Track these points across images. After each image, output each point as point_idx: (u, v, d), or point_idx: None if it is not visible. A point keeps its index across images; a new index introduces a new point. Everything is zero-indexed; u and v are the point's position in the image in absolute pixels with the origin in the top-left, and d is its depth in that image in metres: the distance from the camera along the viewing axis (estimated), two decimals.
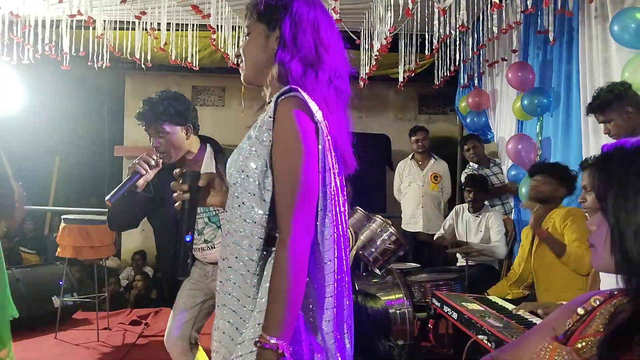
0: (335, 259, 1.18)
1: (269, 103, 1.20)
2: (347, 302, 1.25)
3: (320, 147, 1.15)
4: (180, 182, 1.29)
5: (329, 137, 1.18)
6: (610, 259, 0.88)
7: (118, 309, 5.04)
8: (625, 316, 0.87)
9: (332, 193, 1.18)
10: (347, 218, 1.30)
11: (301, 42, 1.21)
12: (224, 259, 1.23)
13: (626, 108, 2.39)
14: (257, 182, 1.16)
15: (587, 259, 2.60)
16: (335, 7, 3.17)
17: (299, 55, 1.20)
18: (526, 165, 3.75)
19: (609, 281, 1.86)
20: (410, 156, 5.01)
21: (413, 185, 4.90)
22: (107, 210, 2.28)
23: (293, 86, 1.16)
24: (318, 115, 1.15)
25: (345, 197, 1.30)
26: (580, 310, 0.99)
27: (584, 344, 0.91)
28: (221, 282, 1.23)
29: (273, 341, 1.07)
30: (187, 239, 1.27)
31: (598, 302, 0.98)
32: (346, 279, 1.24)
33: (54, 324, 4.22)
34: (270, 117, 1.15)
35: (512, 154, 3.87)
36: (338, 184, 1.23)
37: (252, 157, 1.17)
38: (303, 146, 1.13)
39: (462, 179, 4.56)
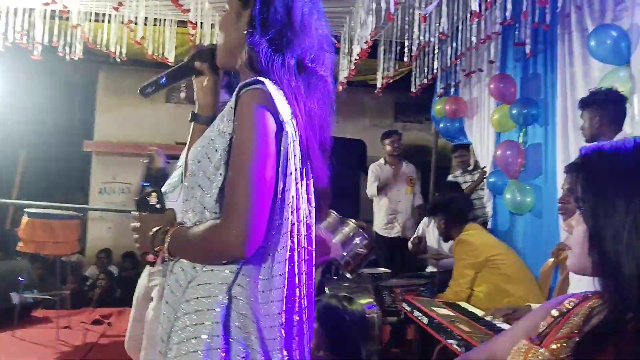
0: (286, 274, 1.09)
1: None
2: (297, 319, 1.14)
3: (282, 148, 1.07)
4: None
5: (294, 139, 1.10)
6: (588, 260, 0.88)
7: (80, 307, 4.92)
8: (600, 318, 0.87)
9: (291, 200, 1.10)
10: (310, 227, 1.19)
11: (271, 23, 1.12)
12: None
13: (598, 113, 2.46)
14: (207, 176, 1.10)
15: (453, 297, 3.00)
16: None
17: (268, 38, 1.11)
18: (510, 173, 3.80)
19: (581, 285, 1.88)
20: (382, 161, 5.01)
21: (390, 192, 4.88)
22: (72, 206, 2.18)
23: (259, 77, 1.08)
24: (284, 113, 1.07)
25: (312, 205, 1.21)
26: (555, 312, 0.99)
27: (558, 345, 0.91)
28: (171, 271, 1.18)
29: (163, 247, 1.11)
30: None
31: (572, 304, 0.98)
32: (297, 293, 1.13)
33: (12, 321, 4.09)
34: (231, 108, 1.09)
35: (500, 160, 3.90)
36: (301, 190, 1.14)
37: (211, 148, 1.11)
38: (260, 147, 1.04)
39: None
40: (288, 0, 1.14)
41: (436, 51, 4.05)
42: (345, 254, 3.36)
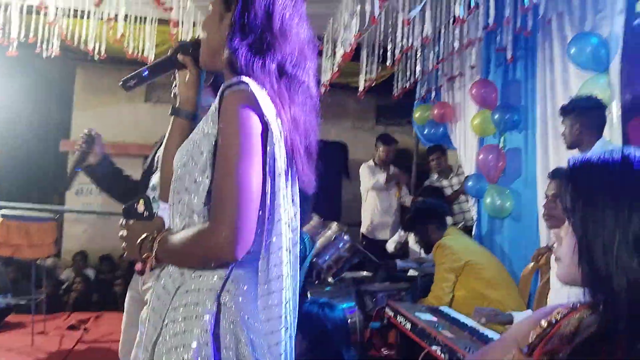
0: (283, 276, 1.09)
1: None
2: (290, 321, 1.15)
3: (268, 148, 1.05)
4: None
5: (280, 139, 1.08)
6: (577, 271, 0.88)
7: (56, 312, 4.79)
8: (591, 329, 0.87)
9: (282, 202, 1.09)
10: (295, 230, 1.18)
11: (251, 27, 1.11)
12: None
13: (578, 120, 2.50)
14: (193, 179, 1.08)
15: (436, 301, 2.98)
16: None
17: (248, 41, 1.11)
18: (491, 177, 3.82)
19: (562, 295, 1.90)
20: (372, 163, 5.01)
21: (380, 194, 4.89)
22: (48, 207, 2.13)
23: (243, 77, 1.06)
24: (269, 113, 1.06)
25: (297, 207, 1.20)
26: (544, 323, 0.99)
27: (548, 357, 0.90)
28: (158, 277, 1.16)
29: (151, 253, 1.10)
30: None
31: (561, 315, 0.98)
32: (283, 296, 1.12)
33: None
34: (215, 109, 1.08)
35: (482, 164, 3.92)
36: (286, 191, 1.13)
37: (196, 150, 1.09)
38: (246, 148, 1.03)
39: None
40: (269, 5, 1.13)
41: (418, 55, 4.06)
42: (327, 257, 3.35)
